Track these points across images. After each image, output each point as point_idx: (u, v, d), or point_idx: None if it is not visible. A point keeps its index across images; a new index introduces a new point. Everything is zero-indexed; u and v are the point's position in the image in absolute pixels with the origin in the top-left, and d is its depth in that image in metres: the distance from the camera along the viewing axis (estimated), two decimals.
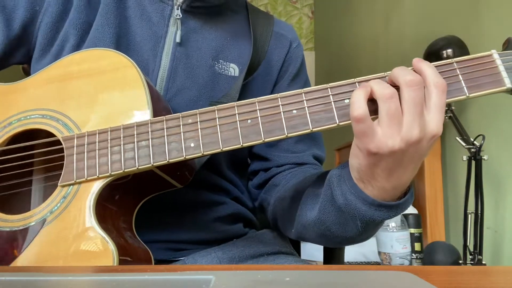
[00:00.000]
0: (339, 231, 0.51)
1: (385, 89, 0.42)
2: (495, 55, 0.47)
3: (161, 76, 0.64)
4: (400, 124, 0.41)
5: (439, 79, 0.43)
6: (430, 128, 0.42)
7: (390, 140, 0.41)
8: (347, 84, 0.47)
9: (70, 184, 0.50)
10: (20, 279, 0.34)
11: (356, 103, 0.42)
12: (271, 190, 0.69)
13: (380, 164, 0.44)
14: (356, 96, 0.43)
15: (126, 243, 0.51)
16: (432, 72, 0.43)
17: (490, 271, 0.42)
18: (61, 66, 0.57)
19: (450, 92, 0.45)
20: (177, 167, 0.56)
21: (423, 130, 0.42)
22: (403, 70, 0.43)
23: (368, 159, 0.44)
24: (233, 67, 0.69)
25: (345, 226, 0.50)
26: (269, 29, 0.74)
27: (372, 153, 0.43)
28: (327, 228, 0.52)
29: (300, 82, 0.76)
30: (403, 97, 0.42)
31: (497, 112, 1.46)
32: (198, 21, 0.68)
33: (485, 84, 0.46)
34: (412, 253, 1.43)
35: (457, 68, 0.46)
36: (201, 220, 0.66)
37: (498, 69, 0.46)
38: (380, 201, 0.46)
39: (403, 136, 0.41)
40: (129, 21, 0.66)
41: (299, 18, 3.99)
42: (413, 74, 0.43)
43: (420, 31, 2.06)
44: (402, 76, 0.42)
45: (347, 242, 0.55)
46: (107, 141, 0.51)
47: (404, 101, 0.42)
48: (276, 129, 0.47)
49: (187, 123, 0.49)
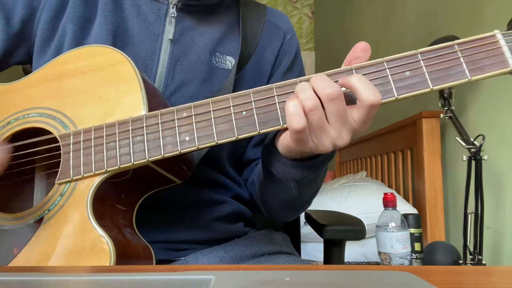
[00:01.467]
0: (284, 196, 0.58)
1: (307, 100, 0.44)
2: (499, 35, 0.45)
3: (159, 73, 0.64)
4: (327, 131, 0.45)
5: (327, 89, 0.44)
6: (357, 127, 0.46)
7: (321, 146, 0.46)
8: (344, 71, 0.47)
9: (67, 182, 0.51)
10: (20, 279, 0.34)
11: (296, 116, 0.44)
12: (247, 179, 0.75)
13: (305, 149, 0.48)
14: (294, 108, 0.44)
15: (125, 239, 0.51)
16: (360, 86, 0.44)
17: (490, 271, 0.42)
18: (57, 64, 0.57)
19: (451, 76, 0.44)
20: (174, 161, 0.56)
21: (351, 132, 0.46)
22: (322, 81, 0.44)
23: (298, 150, 0.48)
24: (230, 60, 0.69)
25: (287, 190, 0.56)
26: (261, 19, 0.74)
27: (304, 151, 0.47)
28: (276, 196, 0.60)
29: (294, 74, 0.76)
30: (326, 109, 0.44)
31: (497, 112, 1.46)
32: (194, 19, 0.68)
33: (488, 66, 0.44)
34: (412, 253, 1.43)
35: (458, 51, 0.45)
36: (202, 219, 0.66)
37: (501, 50, 0.44)
38: (304, 162, 0.51)
39: (332, 141, 0.45)
40: (126, 21, 0.66)
41: (299, 18, 3.99)
42: (332, 86, 0.44)
43: (420, 31, 2.06)
44: (321, 90, 0.44)
45: (298, 203, 0.62)
46: (103, 137, 0.50)
47: (327, 113, 0.44)
48: (271, 119, 0.47)
49: (181, 117, 0.49)
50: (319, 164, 0.52)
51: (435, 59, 0.45)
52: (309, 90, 0.44)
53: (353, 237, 0.88)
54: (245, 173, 0.76)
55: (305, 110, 0.43)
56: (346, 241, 0.87)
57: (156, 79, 0.64)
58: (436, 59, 0.45)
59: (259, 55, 0.72)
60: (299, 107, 0.43)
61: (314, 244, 1.76)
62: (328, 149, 0.46)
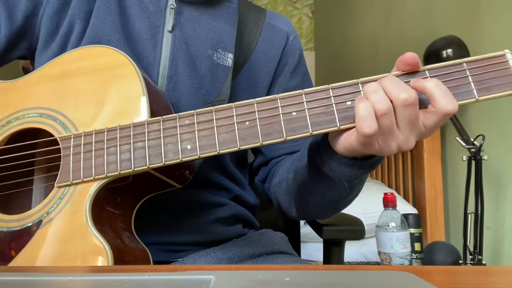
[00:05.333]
0: (331, 196, 0.55)
1: (379, 104, 0.42)
2: (509, 55, 0.44)
3: (163, 65, 0.64)
4: (395, 136, 0.43)
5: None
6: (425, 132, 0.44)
7: (387, 149, 0.44)
8: (350, 85, 0.45)
9: (66, 185, 0.50)
10: (20, 279, 0.34)
11: (368, 120, 0.41)
12: (271, 180, 0.70)
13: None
14: (365, 111, 0.42)
15: (123, 244, 0.51)
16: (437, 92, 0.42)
17: (490, 271, 0.42)
18: (59, 64, 0.56)
19: (458, 95, 0.43)
20: (174, 168, 0.55)
21: (419, 137, 0.44)
22: (396, 85, 0.42)
23: (361, 151, 0.46)
24: (230, 57, 0.69)
25: (337, 190, 0.53)
26: (260, 22, 0.74)
27: (369, 153, 0.45)
28: (321, 196, 0.56)
29: (300, 74, 0.76)
30: (397, 114, 0.42)
31: (498, 112, 1.46)
32: (195, 11, 0.68)
33: (496, 86, 0.43)
34: (412, 253, 1.43)
35: (467, 69, 0.44)
36: (200, 222, 0.66)
37: (511, 71, 0.43)
38: (361, 162, 0.49)
39: (399, 144, 0.44)
40: (128, 12, 0.66)
41: (299, 18, 3.99)
42: (407, 90, 0.42)
43: (420, 31, 2.06)
44: (396, 94, 0.42)
45: (341, 203, 0.58)
46: (104, 141, 0.50)
47: (398, 119, 0.42)
48: (274, 131, 0.46)
49: (184, 124, 0.48)
50: (375, 164, 0.50)
51: (443, 77, 0.44)
52: (381, 92, 0.42)
53: (352, 237, 0.87)
54: (262, 173, 0.74)
55: (377, 114, 0.41)
56: (345, 241, 0.87)
57: (160, 71, 0.64)
58: (445, 77, 0.44)
59: (259, 56, 0.72)
60: (371, 110, 0.41)
61: (314, 244, 1.76)
62: (392, 152, 0.44)
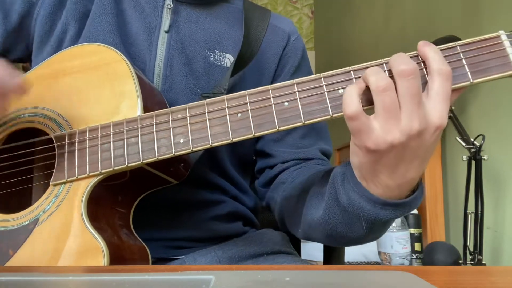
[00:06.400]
0: (345, 231, 0.49)
1: (380, 80, 0.39)
2: (503, 36, 0.42)
3: (158, 65, 0.64)
4: (397, 117, 0.39)
5: (443, 65, 0.40)
6: (432, 119, 0.39)
7: (389, 135, 0.39)
8: (342, 73, 0.44)
9: (62, 183, 0.50)
10: (20, 279, 0.33)
11: (348, 99, 0.40)
12: (277, 189, 0.67)
13: (381, 161, 0.41)
14: (347, 92, 0.40)
15: (120, 241, 0.51)
16: (436, 58, 0.41)
17: (490, 271, 0.42)
18: (53, 63, 0.57)
19: (453, 78, 0.42)
20: (169, 163, 0.55)
21: (424, 121, 0.39)
22: (399, 57, 0.41)
23: (368, 156, 0.41)
24: (229, 57, 0.68)
25: (351, 226, 0.48)
26: (265, 22, 0.73)
27: (371, 150, 0.40)
28: (333, 228, 0.50)
29: (302, 75, 0.75)
30: (398, 88, 0.39)
31: (498, 112, 1.46)
32: (192, 11, 0.68)
33: (491, 68, 0.42)
34: (412, 253, 1.44)
35: (461, 52, 0.43)
36: (199, 218, 0.66)
37: (506, 52, 0.42)
38: (384, 199, 0.43)
39: (402, 129, 0.39)
40: (124, 13, 0.66)
41: (299, 18, 3.99)
42: (407, 62, 0.39)
43: (420, 31, 2.05)
44: (396, 66, 0.39)
45: (354, 242, 0.53)
46: (98, 138, 0.50)
47: (399, 93, 0.39)
48: (266, 122, 0.45)
49: (176, 118, 0.48)
50: (399, 205, 0.44)
51: None
52: (381, 72, 0.40)
53: None
54: (264, 177, 0.72)
55: (378, 90, 0.39)
56: None
57: (155, 71, 0.64)
58: None
59: (261, 56, 0.72)
60: (353, 91, 0.40)
61: (314, 244, 1.76)
62: (395, 140, 0.39)
